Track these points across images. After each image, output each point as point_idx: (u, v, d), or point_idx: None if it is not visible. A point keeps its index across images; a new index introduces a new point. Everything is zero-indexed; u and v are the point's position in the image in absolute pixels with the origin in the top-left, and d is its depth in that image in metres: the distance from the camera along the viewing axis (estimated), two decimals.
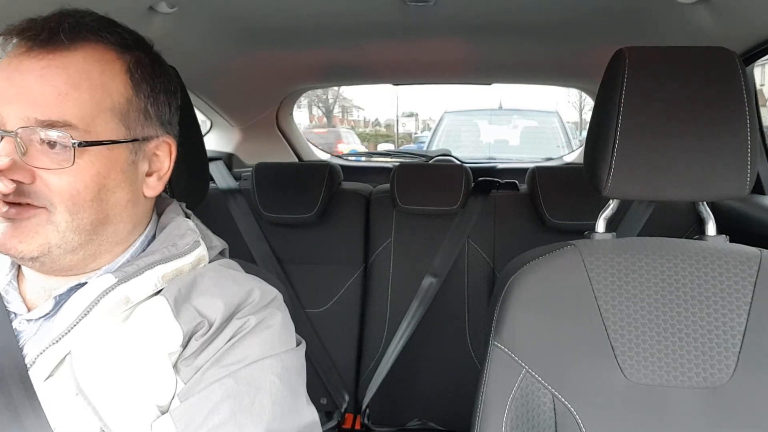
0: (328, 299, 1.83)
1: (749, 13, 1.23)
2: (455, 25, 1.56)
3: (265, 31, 1.58)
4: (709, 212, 0.97)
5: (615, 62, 0.90)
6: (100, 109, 0.62)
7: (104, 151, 0.62)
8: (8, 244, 0.60)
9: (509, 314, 0.87)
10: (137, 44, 0.67)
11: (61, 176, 0.60)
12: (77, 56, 0.61)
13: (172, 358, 0.61)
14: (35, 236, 0.60)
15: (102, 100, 0.62)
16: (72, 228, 0.61)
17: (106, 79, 0.63)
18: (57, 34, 0.60)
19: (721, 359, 0.82)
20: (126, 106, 0.64)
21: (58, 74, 0.60)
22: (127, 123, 0.64)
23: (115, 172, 0.63)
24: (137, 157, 0.66)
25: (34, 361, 0.61)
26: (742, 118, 0.86)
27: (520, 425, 0.84)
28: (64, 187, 0.60)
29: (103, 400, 0.58)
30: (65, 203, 0.60)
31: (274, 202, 1.80)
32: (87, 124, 0.60)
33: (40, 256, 0.61)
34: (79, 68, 0.61)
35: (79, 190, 0.60)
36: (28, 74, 0.60)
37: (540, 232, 1.74)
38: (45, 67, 0.60)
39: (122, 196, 0.65)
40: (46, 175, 0.60)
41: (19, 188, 0.59)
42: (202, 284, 0.66)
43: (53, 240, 0.61)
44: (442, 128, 5.86)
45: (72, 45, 0.61)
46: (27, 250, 0.60)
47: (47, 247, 0.61)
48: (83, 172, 0.60)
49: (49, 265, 0.63)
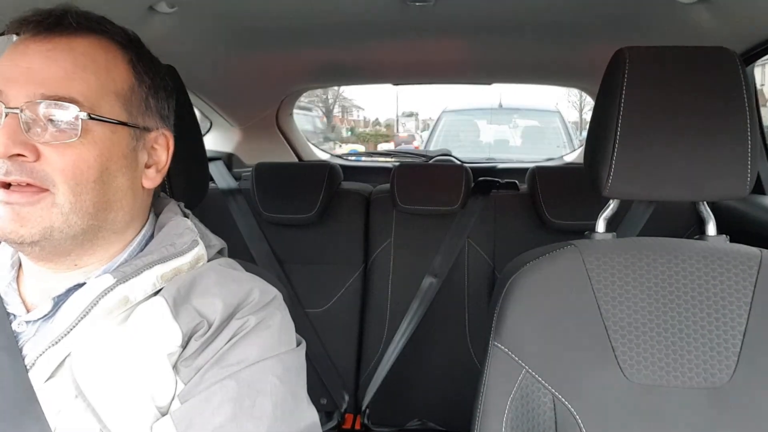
0: (328, 299, 1.83)
1: (749, 13, 1.23)
2: (455, 25, 1.56)
3: (265, 31, 1.58)
4: (710, 212, 0.97)
5: (615, 62, 0.90)
6: (105, 92, 0.63)
7: (107, 132, 0.62)
8: (9, 228, 0.59)
9: (509, 314, 0.87)
10: (138, 43, 0.69)
11: (65, 154, 0.60)
12: (82, 42, 0.63)
13: (172, 359, 0.61)
14: (39, 220, 0.60)
15: (107, 83, 0.63)
16: (75, 209, 0.61)
17: (110, 65, 0.64)
18: (65, 19, 0.62)
19: (721, 359, 0.82)
20: (129, 93, 0.65)
21: (64, 56, 0.61)
22: (129, 109, 0.65)
23: (117, 155, 0.64)
24: (138, 145, 0.67)
25: (34, 362, 0.60)
26: (743, 118, 0.86)
27: (520, 425, 0.84)
28: (68, 165, 0.60)
29: (102, 401, 0.58)
30: (68, 182, 0.60)
31: (274, 202, 1.80)
32: (92, 103, 0.61)
33: (40, 240, 0.60)
34: (84, 51, 0.62)
35: (83, 169, 0.61)
36: (33, 56, 0.60)
37: (540, 232, 1.74)
38: (51, 49, 0.61)
39: (123, 182, 0.65)
40: (50, 153, 0.60)
41: (22, 166, 0.59)
42: (202, 284, 0.65)
43: (56, 223, 0.60)
44: (440, 128, 5.72)
45: (78, 31, 0.62)
46: (28, 234, 0.60)
47: (49, 230, 0.60)
48: (87, 150, 0.61)
49: (48, 249, 0.62)
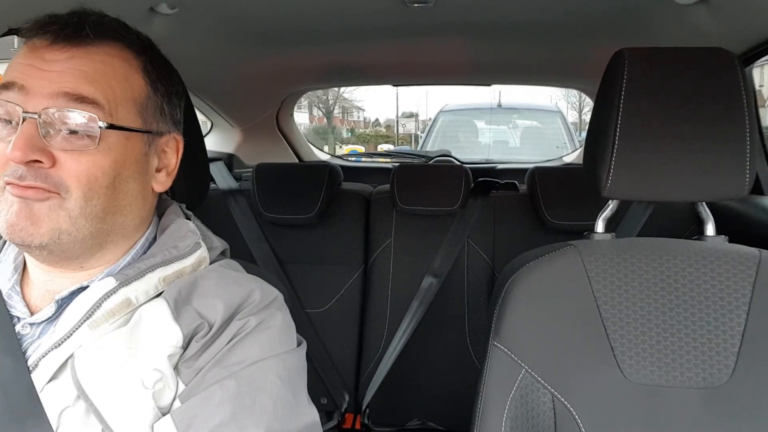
0: (329, 299, 1.83)
1: (748, 14, 1.23)
2: (455, 26, 1.56)
3: (266, 32, 1.58)
4: (708, 213, 0.97)
5: (614, 63, 0.91)
6: (124, 97, 0.63)
7: (122, 138, 0.63)
8: (20, 224, 0.59)
9: (509, 314, 0.87)
10: (152, 48, 0.69)
11: (80, 160, 0.60)
12: (100, 50, 0.63)
13: (172, 360, 0.62)
14: (47, 220, 0.60)
15: (125, 89, 0.64)
16: (84, 214, 0.61)
17: (126, 73, 0.64)
18: (83, 29, 0.62)
19: (720, 359, 0.82)
20: (145, 100, 0.66)
21: (83, 62, 0.61)
22: (144, 116, 0.66)
23: (130, 161, 0.64)
24: (150, 150, 0.67)
25: (37, 364, 0.61)
26: (741, 119, 0.86)
27: (519, 425, 0.84)
28: (82, 172, 0.60)
29: (104, 402, 0.59)
30: (82, 188, 0.60)
31: (274, 203, 1.80)
32: (111, 107, 0.62)
33: (49, 243, 0.61)
34: (102, 59, 0.62)
35: (97, 175, 0.61)
36: (53, 63, 0.60)
37: (539, 232, 1.74)
38: (70, 57, 0.61)
39: (134, 187, 0.66)
40: (66, 159, 0.60)
41: (37, 172, 0.59)
42: (202, 286, 0.66)
43: (64, 226, 0.61)
44: (438, 128, 5.57)
45: (96, 40, 0.62)
46: (37, 234, 0.60)
47: (57, 233, 0.60)
48: (102, 157, 0.61)
49: (56, 254, 0.63)
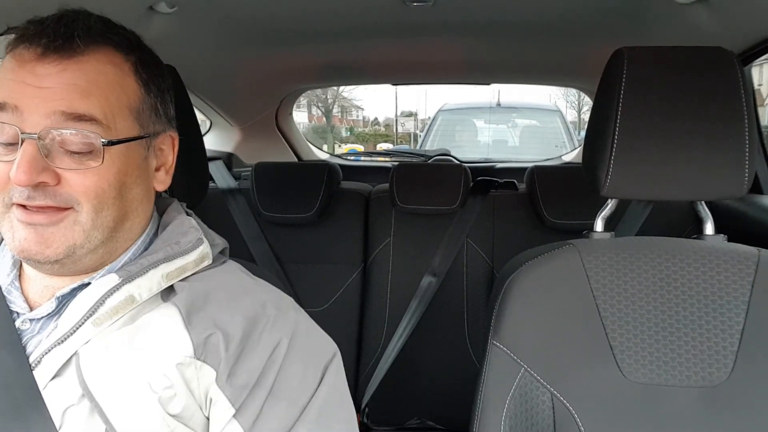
0: (328, 298, 1.83)
1: (747, 13, 1.23)
2: (454, 25, 1.56)
3: (265, 31, 1.58)
4: (707, 212, 0.97)
5: (614, 62, 0.91)
6: (119, 107, 0.63)
7: (123, 149, 0.63)
8: (34, 250, 0.59)
9: (508, 313, 0.87)
10: (138, 45, 0.68)
11: (86, 176, 0.60)
12: (91, 59, 0.62)
13: (182, 369, 0.61)
14: (62, 240, 0.60)
15: (120, 98, 0.63)
16: (96, 226, 0.62)
17: (119, 80, 0.64)
18: (72, 40, 0.60)
19: (719, 358, 0.82)
20: (140, 105, 0.66)
21: (76, 75, 0.60)
22: (141, 121, 0.65)
23: (132, 168, 0.64)
24: (148, 153, 0.68)
25: (39, 360, 0.60)
26: (740, 118, 0.86)
27: (519, 424, 0.84)
28: (89, 186, 0.60)
29: (110, 401, 0.58)
30: (91, 201, 0.60)
31: (273, 202, 1.80)
32: (109, 120, 0.61)
33: (63, 258, 0.61)
34: (95, 69, 0.62)
35: (104, 188, 0.61)
36: (45, 78, 0.59)
37: (539, 231, 1.74)
38: (62, 70, 0.60)
39: (138, 192, 0.66)
40: (71, 176, 0.60)
41: (45, 191, 0.59)
42: (217, 295, 0.65)
43: (79, 240, 0.61)
44: (436, 128, 5.54)
45: (86, 49, 0.61)
46: (53, 254, 0.60)
47: (72, 248, 0.61)
48: (107, 170, 0.61)
49: (69, 266, 0.63)
